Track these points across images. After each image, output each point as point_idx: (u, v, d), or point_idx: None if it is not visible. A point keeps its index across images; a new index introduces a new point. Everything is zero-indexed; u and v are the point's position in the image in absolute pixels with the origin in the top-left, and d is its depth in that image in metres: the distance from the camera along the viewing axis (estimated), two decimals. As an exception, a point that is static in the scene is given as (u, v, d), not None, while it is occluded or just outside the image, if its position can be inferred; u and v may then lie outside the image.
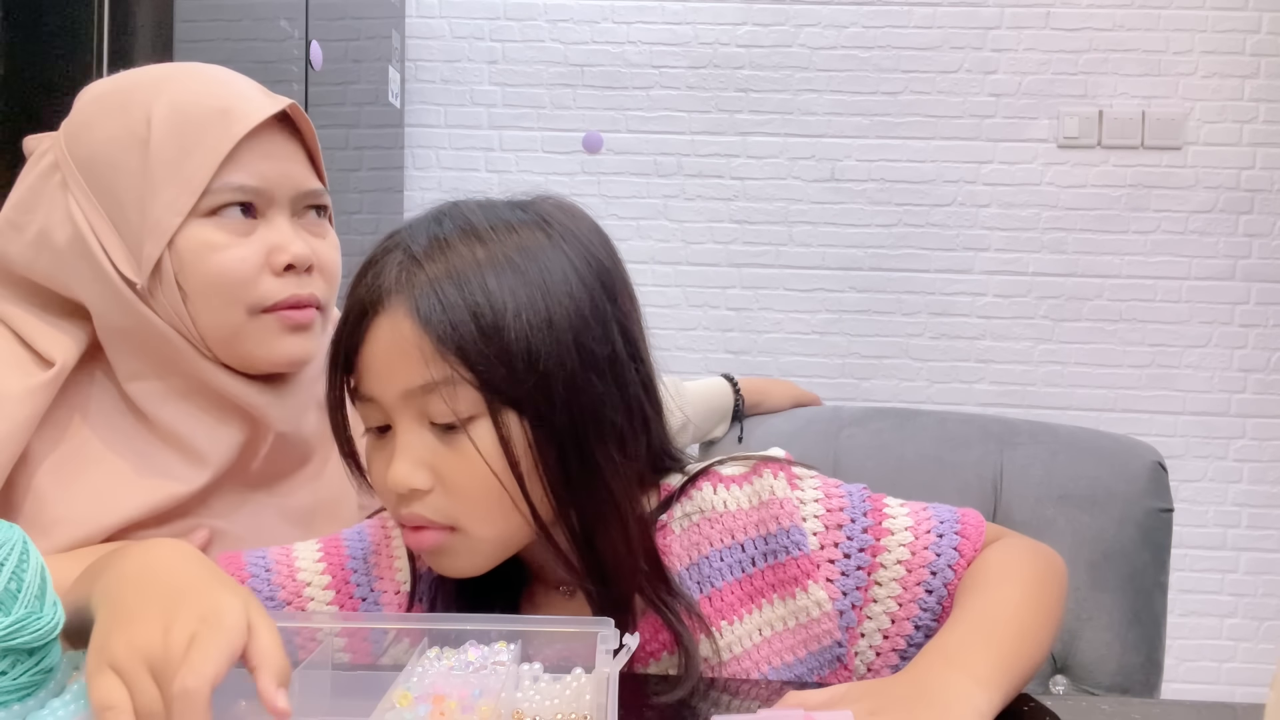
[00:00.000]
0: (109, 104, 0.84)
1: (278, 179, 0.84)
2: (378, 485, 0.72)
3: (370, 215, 2.53)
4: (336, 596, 0.80)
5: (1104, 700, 0.79)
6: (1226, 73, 2.72)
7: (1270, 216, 2.73)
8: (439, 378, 0.66)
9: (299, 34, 1.98)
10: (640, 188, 2.81)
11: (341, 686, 0.65)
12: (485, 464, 0.68)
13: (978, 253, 2.77)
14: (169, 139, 0.81)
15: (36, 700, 0.58)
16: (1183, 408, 2.74)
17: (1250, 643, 2.71)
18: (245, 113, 0.82)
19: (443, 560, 0.72)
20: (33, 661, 0.58)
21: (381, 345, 0.68)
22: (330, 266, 0.88)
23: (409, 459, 0.68)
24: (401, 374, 0.67)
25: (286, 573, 0.80)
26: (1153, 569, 1.21)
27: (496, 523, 0.70)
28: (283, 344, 0.84)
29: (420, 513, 0.69)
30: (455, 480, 0.68)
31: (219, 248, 0.81)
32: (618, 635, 0.62)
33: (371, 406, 0.70)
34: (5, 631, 0.55)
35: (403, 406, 0.68)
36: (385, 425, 0.70)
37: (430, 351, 0.66)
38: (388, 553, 0.81)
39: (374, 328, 0.68)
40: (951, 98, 2.76)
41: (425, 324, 0.66)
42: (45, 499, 0.81)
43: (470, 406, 0.68)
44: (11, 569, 0.57)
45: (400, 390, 0.68)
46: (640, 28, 2.81)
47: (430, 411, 0.68)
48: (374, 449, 0.72)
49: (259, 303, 0.83)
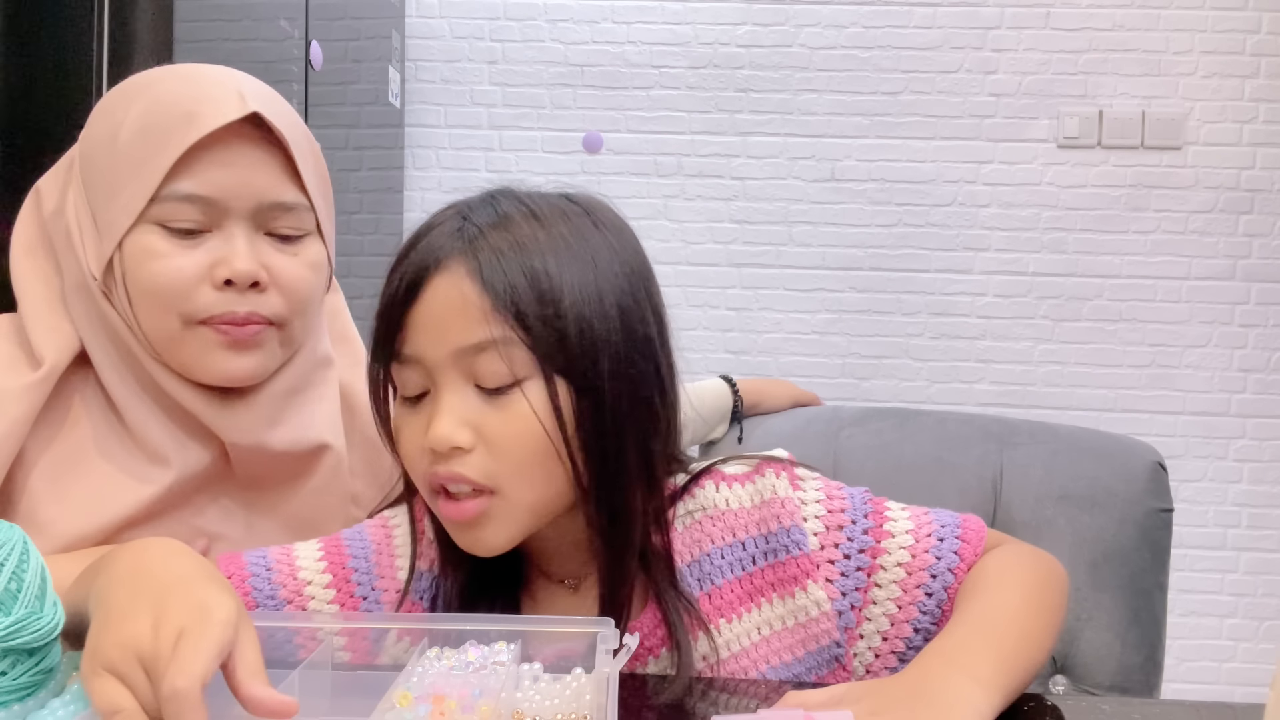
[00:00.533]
0: (109, 102, 0.85)
1: (235, 189, 0.81)
2: (410, 452, 0.73)
3: (370, 215, 2.53)
4: (337, 595, 0.80)
5: (1104, 700, 0.79)
6: (1226, 73, 2.72)
7: (1270, 216, 2.73)
8: (496, 336, 0.69)
9: (299, 34, 1.98)
10: (640, 188, 2.81)
11: (341, 686, 0.65)
12: (533, 423, 0.69)
13: (978, 253, 2.77)
14: (134, 140, 0.80)
15: (36, 700, 0.58)
16: (1183, 408, 2.74)
17: (1250, 643, 2.71)
18: (206, 117, 0.79)
19: (477, 533, 0.72)
20: (33, 661, 0.58)
21: (438, 304, 0.70)
22: (293, 285, 0.84)
23: (453, 418, 0.69)
24: (456, 332, 0.69)
25: (287, 572, 0.80)
26: (1153, 569, 1.21)
27: (535, 486, 0.71)
28: (220, 359, 0.82)
29: (461, 472, 0.70)
30: (499, 440, 0.70)
31: (159, 255, 0.80)
32: (618, 635, 0.62)
33: (413, 369, 0.71)
34: (5, 631, 0.55)
35: (450, 366, 0.70)
36: (421, 393, 0.72)
37: (489, 310, 0.69)
38: (389, 551, 0.81)
39: (431, 287, 0.70)
40: (951, 98, 2.76)
41: (486, 284, 0.69)
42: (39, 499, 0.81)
43: (521, 369, 0.70)
44: (11, 569, 0.57)
45: (453, 348, 0.69)
46: (640, 28, 2.81)
47: (479, 372, 0.70)
48: (406, 416, 0.73)
49: (193, 314, 0.81)
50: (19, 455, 0.81)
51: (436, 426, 0.69)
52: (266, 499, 0.89)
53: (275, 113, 0.83)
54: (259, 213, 0.83)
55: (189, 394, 0.83)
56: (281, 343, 0.86)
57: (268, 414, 0.86)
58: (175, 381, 0.83)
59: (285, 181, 0.84)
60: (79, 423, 0.84)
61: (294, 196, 0.85)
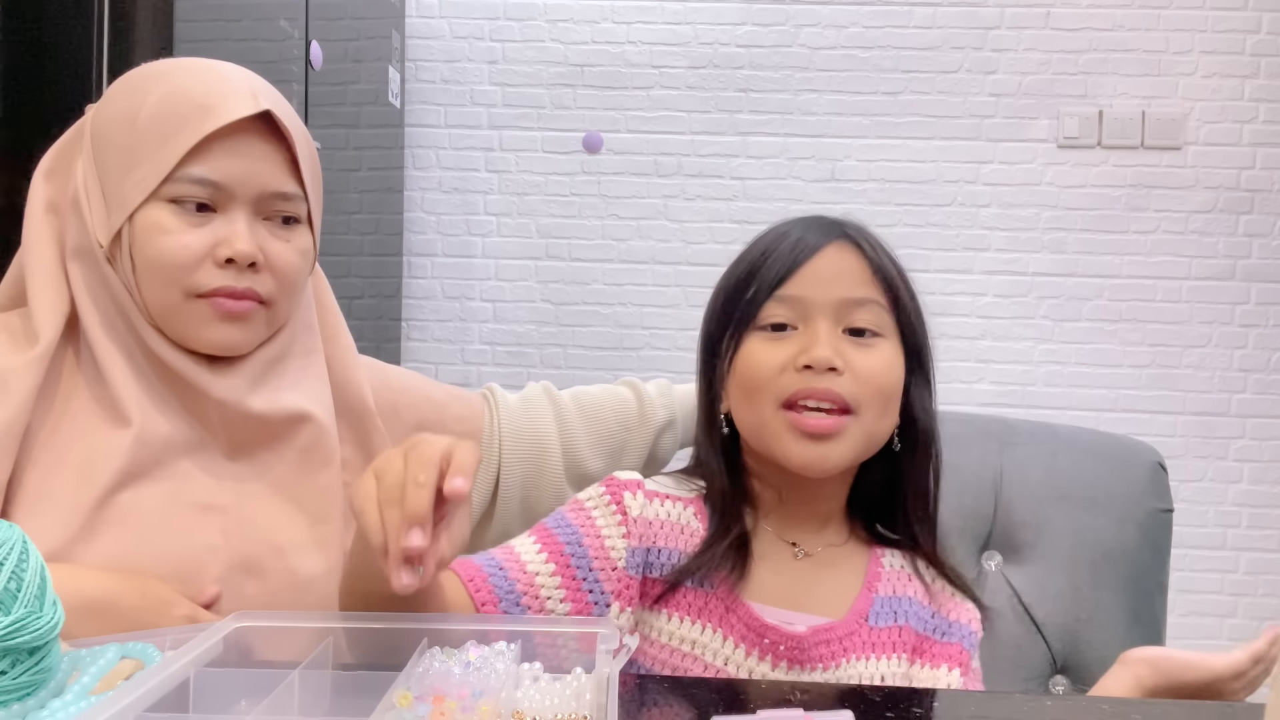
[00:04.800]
0: (125, 86, 0.92)
1: (242, 177, 0.88)
2: (763, 373, 0.88)
3: (370, 215, 2.53)
4: (563, 581, 0.88)
5: (1104, 700, 0.79)
6: (1226, 73, 2.72)
7: (1270, 216, 2.73)
8: (872, 296, 0.89)
9: (299, 34, 1.98)
10: (640, 188, 2.81)
11: (341, 686, 0.65)
12: (891, 364, 0.88)
13: (978, 253, 2.77)
14: (152, 124, 0.87)
15: (36, 700, 0.58)
16: (1183, 408, 2.74)
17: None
18: (222, 110, 0.87)
19: (827, 448, 0.86)
20: (33, 661, 0.58)
21: (829, 264, 0.89)
22: (284, 268, 0.91)
23: (830, 346, 0.86)
24: (844, 286, 0.88)
25: (516, 566, 0.88)
26: (1153, 569, 1.21)
27: (881, 418, 0.88)
28: (214, 329, 0.89)
29: (833, 388, 0.86)
30: (865, 370, 0.87)
31: (168, 232, 0.87)
32: (618, 635, 0.62)
33: (791, 306, 0.89)
34: (5, 631, 0.55)
35: (830, 310, 0.88)
36: (782, 325, 0.89)
37: (870, 275, 0.89)
38: (595, 533, 0.90)
39: (825, 252, 0.89)
40: (951, 98, 2.76)
41: (870, 255, 0.90)
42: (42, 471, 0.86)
43: (880, 325, 0.89)
44: (11, 568, 0.57)
45: (839, 297, 0.88)
46: (640, 28, 2.81)
47: (855, 319, 0.88)
48: (763, 343, 0.89)
49: (194, 288, 0.87)
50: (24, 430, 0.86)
51: (820, 349, 0.86)
52: (254, 468, 0.92)
53: (282, 112, 0.90)
54: (260, 200, 0.90)
55: (179, 358, 0.89)
56: (268, 320, 0.92)
57: (251, 377, 0.92)
58: (167, 347, 0.89)
59: (286, 174, 0.91)
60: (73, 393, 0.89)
61: (292, 188, 0.92)
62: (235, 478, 0.91)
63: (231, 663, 0.64)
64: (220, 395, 0.89)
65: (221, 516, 0.88)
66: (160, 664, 0.59)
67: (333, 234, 2.21)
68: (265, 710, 0.57)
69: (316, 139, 0.97)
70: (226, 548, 0.87)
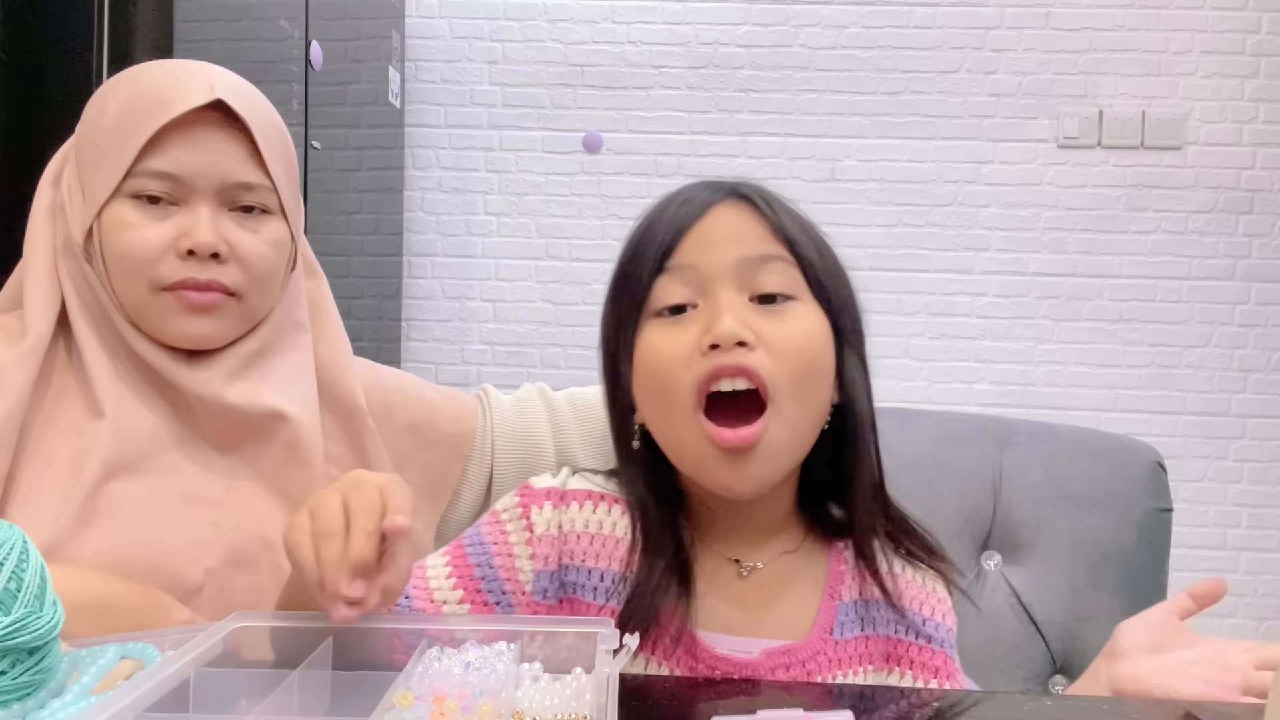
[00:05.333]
0: (102, 89, 0.94)
1: (201, 168, 0.89)
2: (668, 363, 0.77)
3: (370, 215, 2.53)
4: (472, 608, 0.81)
5: (1104, 700, 0.79)
6: (1226, 73, 2.72)
7: (1270, 216, 2.73)
8: (775, 253, 0.78)
9: (299, 34, 1.98)
10: (640, 188, 2.81)
11: (341, 686, 0.65)
12: (811, 331, 0.77)
13: (978, 253, 2.77)
14: (115, 122, 0.89)
15: (36, 700, 0.58)
16: (1183, 408, 2.74)
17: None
18: (175, 104, 0.88)
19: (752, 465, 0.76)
20: (33, 661, 0.58)
21: (720, 224, 0.79)
22: (251, 258, 0.91)
23: (736, 317, 0.75)
24: (740, 246, 0.78)
25: (424, 597, 0.81)
26: (1152, 569, 1.21)
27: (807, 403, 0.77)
28: (181, 322, 0.89)
29: (743, 362, 0.74)
30: (779, 342, 0.76)
31: (130, 226, 0.88)
32: (618, 635, 0.62)
33: (684, 278, 0.78)
34: (5, 631, 0.55)
35: (730, 275, 0.77)
36: (680, 305, 0.78)
37: (769, 232, 0.79)
38: (507, 551, 0.83)
39: (713, 211, 0.79)
40: (951, 98, 2.76)
41: (764, 214, 0.79)
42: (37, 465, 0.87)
43: (792, 287, 0.78)
44: (11, 568, 0.57)
45: (736, 258, 0.77)
46: (640, 28, 2.81)
47: (760, 282, 0.77)
48: (662, 330, 0.78)
49: (159, 281, 0.88)
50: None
51: (724, 322, 0.74)
52: (242, 461, 0.93)
53: (242, 103, 0.91)
54: (223, 191, 0.91)
55: (155, 352, 0.90)
56: (242, 314, 0.93)
57: (227, 370, 0.92)
58: (143, 341, 0.90)
59: (249, 164, 0.92)
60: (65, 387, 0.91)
61: (256, 178, 0.92)
62: (225, 471, 0.92)
63: (231, 663, 0.64)
64: (195, 389, 0.90)
65: (212, 509, 0.89)
66: (160, 664, 0.59)
67: (333, 234, 2.20)
68: (265, 710, 0.57)
69: (316, 139, 0.97)
70: (217, 540, 0.88)
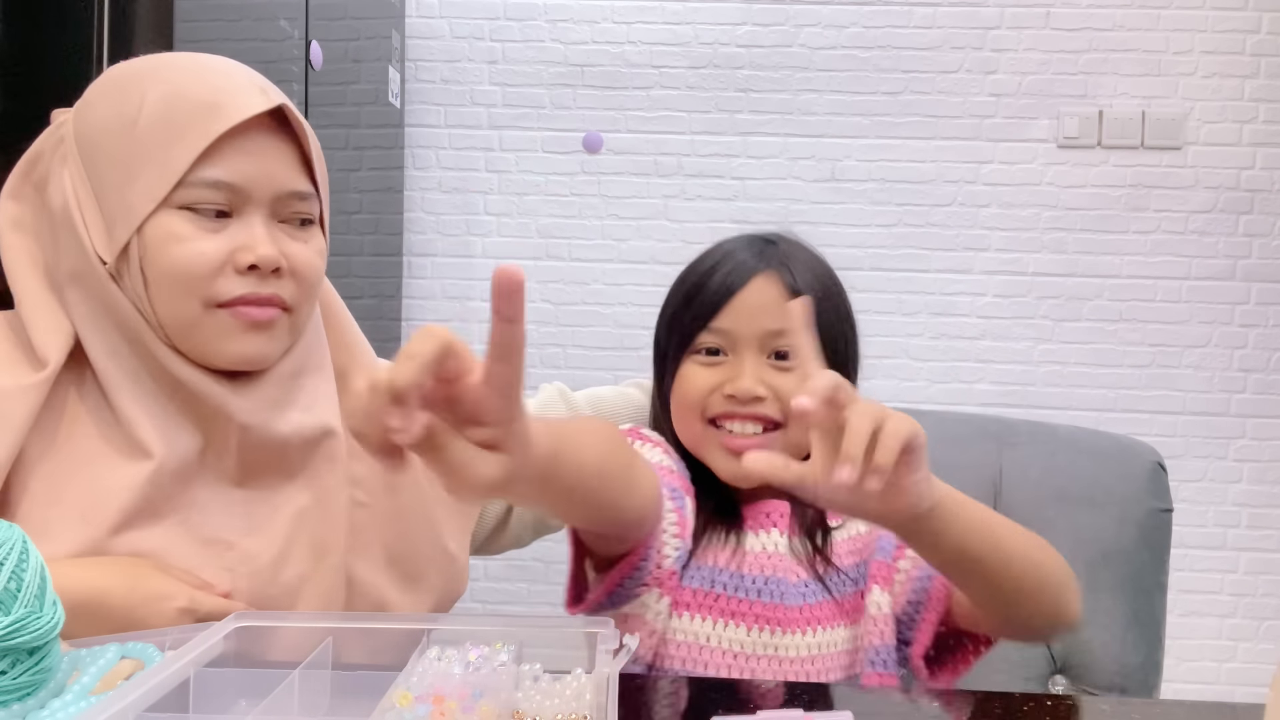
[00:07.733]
0: (112, 86, 0.86)
1: (257, 177, 0.84)
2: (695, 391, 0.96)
3: (370, 215, 2.53)
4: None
5: (1104, 700, 0.79)
6: (1226, 73, 2.72)
7: (1270, 216, 2.73)
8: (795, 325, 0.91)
9: (299, 34, 1.98)
10: (640, 188, 2.81)
11: (341, 686, 0.65)
12: None
13: (978, 253, 2.77)
14: (155, 126, 0.82)
15: (36, 700, 0.58)
16: (1183, 408, 2.74)
17: (1250, 643, 2.71)
18: (232, 108, 0.82)
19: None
20: (33, 661, 0.58)
21: (756, 298, 0.96)
22: (305, 271, 0.87)
23: (755, 377, 0.94)
24: (767, 319, 0.95)
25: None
26: (1152, 569, 1.21)
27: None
28: (238, 341, 0.84)
29: (763, 412, 0.94)
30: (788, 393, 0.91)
31: (183, 239, 0.82)
32: (618, 635, 0.62)
33: (720, 338, 0.96)
34: (5, 631, 0.55)
35: (755, 340, 0.95)
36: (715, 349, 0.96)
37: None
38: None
39: (752, 285, 0.96)
40: (951, 98, 2.76)
41: (793, 285, 0.95)
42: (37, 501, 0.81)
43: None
44: (11, 568, 0.57)
45: (764, 329, 0.95)
46: (640, 28, 2.81)
47: (776, 344, 0.94)
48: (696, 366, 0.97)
49: (215, 298, 0.83)
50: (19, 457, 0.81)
51: (745, 380, 0.94)
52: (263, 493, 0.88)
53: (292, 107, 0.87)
54: (277, 201, 0.86)
55: (199, 377, 0.84)
56: (291, 329, 0.88)
57: (274, 396, 0.87)
58: (185, 365, 0.84)
59: (300, 172, 0.87)
60: (76, 420, 0.84)
61: (307, 187, 0.88)
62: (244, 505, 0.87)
63: (231, 663, 0.64)
64: (244, 419, 0.85)
65: (227, 551, 0.85)
66: (160, 664, 0.59)
67: (333, 234, 2.20)
68: (265, 710, 0.57)
69: (316, 139, 0.95)
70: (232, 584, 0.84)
